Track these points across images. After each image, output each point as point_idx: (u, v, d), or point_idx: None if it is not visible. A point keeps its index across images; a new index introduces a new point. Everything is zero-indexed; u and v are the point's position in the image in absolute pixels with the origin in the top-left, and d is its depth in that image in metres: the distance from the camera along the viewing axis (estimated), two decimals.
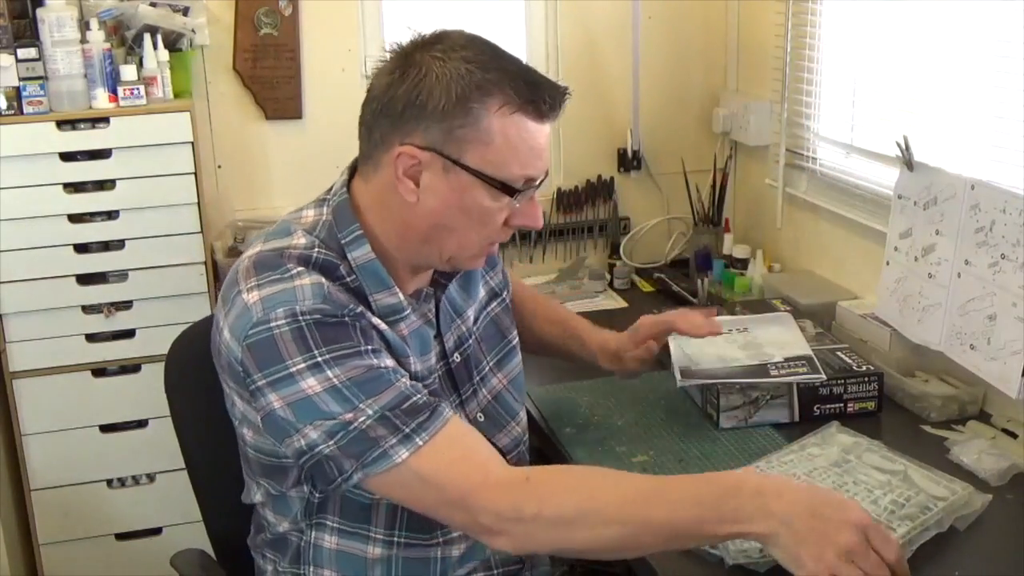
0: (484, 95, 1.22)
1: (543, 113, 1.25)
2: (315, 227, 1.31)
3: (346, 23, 2.45)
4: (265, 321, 1.20)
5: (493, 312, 1.51)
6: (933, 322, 1.78)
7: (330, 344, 1.20)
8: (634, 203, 2.68)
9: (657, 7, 2.58)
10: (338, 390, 1.19)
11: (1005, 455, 1.55)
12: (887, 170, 2.00)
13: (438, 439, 1.19)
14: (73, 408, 2.29)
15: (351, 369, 1.20)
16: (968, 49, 1.80)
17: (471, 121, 1.22)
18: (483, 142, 1.23)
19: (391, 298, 1.30)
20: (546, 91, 1.25)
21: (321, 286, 1.23)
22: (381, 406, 1.19)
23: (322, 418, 1.19)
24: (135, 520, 2.38)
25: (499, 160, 1.24)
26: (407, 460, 1.18)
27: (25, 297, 2.20)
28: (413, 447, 1.18)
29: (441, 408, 1.22)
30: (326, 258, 1.28)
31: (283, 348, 1.19)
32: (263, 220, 2.44)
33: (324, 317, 1.20)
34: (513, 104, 1.23)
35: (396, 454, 1.18)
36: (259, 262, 1.27)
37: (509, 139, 1.23)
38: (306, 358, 1.19)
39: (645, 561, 1.32)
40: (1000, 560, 1.34)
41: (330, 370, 1.19)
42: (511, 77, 1.23)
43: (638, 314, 2.19)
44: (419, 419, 1.20)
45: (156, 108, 2.18)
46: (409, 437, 1.18)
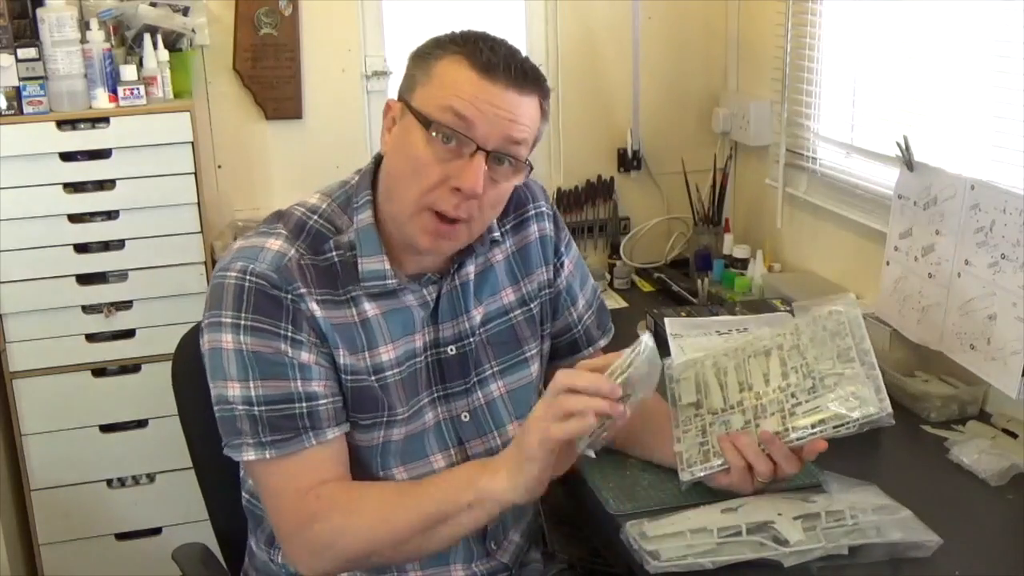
0: (442, 49, 1.30)
1: (487, 67, 1.27)
2: (339, 188, 1.40)
3: (346, 23, 2.46)
4: (225, 269, 1.31)
5: (516, 319, 1.48)
6: (933, 322, 1.78)
7: (258, 313, 1.28)
8: (634, 203, 2.68)
9: (657, 7, 2.58)
10: (241, 356, 1.28)
11: (1005, 455, 1.55)
12: (887, 170, 2.00)
13: (287, 461, 1.29)
14: (73, 408, 2.29)
15: (261, 344, 1.28)
16: (968, 49, 1.80)
17: (424, 67, 1.30)
18: (425, 83, 1.30)
19: (377, 264, 1.34)
20: (499, 52, 1.28)
21: (282, 256, 1.31)
22: (262, 395, 1.28)
23: (219, 378, 1.30)
24: (135, 520, 2.38)
25: (430, 95, 1.29)
26: (253, 462, 1.30)
27: (25, 297, 2.20)
28: (260, 456, 1.29)
29: (305, 437, 1.29)
30: (321, 228, 1.35)
31: (225, 298, 1.29)
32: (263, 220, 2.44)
33: (267, 286, 1.29)
34: (462, 53, 1.28)
35: (246, 453, 1.29)
36: (269, 215, 1.40)
37: (444, 77, 1.28)
38: (234, 316, 1.29)
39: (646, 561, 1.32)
40: (1000, 560, 1.34)
41: (244, 335, 1.28)
42: (476, 40, 1.29)
43: (638, 314, 2.21)
44: (277, 436, 1.28)
45: (156, 108, 2.19)
46: (262, 446, 1.28)
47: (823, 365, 1.40)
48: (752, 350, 1.48)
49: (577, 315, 1.57)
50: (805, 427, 1.36)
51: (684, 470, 1.42)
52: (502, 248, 1.47)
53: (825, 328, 1.43)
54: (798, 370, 1.42)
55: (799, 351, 1.43)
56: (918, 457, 1.62)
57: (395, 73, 2.48)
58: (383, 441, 1.36)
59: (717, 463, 1.40)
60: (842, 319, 1.42)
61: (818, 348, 1.42)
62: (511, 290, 1.49)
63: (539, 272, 1.51)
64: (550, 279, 1.53)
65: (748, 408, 1.42)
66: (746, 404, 1.43)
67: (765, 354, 1.46)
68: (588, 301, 1.59)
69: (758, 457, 1.36)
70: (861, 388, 1.36)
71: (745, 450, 1.37)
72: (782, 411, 1.39)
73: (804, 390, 1.39)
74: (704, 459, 1.41)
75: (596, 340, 1.61)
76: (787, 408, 1.39)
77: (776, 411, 1.40)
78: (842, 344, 1.40)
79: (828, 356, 1.40)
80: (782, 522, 1.32)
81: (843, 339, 1.41)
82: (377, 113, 2.50)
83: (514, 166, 1.31)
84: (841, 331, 1.42)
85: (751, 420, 1.41)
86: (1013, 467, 1.52)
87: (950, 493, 1.50)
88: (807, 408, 1.37)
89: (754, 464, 1.36)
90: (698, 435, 1.44)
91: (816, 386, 1.39)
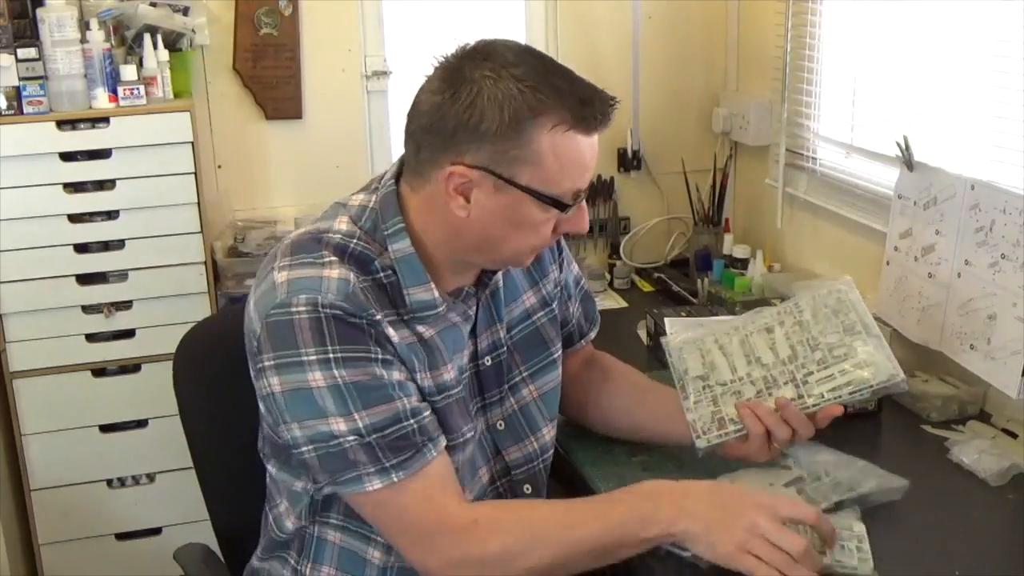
0: (536, 115, 1.20)
1: (594, 128, 1.24)
2: (361, 214, 1.32)
3: (346, 23, 2.45)
4: (287, 304, 1.22)
5: (539, 321, 1.48)
6: (933, 322, 1.78)
7: (345, 343, 1.21)
8: (634, 203, 2.68)
9: (657, 7, 2.58)
10: (339, 390, 1.21)
11: (1005, 455, 1.55)
12: (887, 170, 2.00)
13: (414, 479, 1.23)
14: (73, 408, 2.29)
15: (358, 373, 1.22)
16: (968, 49, 1.80)
17: (524, 142, 1.21)
18: (534, 162, 1.22)
19: (425, 294, 1.30)
20: (597, 106, 1.23)
21: (347, 283, 1.23)
22: (370, 424, 1.22)
23: (312, 417, 1.22)
24: (135, 520, 2.38)
25: (550, 178, 1.23)
26: (379, 490, 1.23)
27: (25, 297, 2.20)
28: (388, 482, 1.22)
29: (426, 449, 1.25)
30: (363, 250, 1.28)
31: (300, 335, 1.21)
32: (263, 220, 2.44)
33: (344, 315, 1.22)
34: (566, 123, 1.21)
35: (370, 483, 1.22)
36: (297, 243, 1.29)
37: (560, 157, 1.22)
38: (319, 350, 1.21)
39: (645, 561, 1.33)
40: (1000, 560, 1.34)
41: (337, 369, 1.21)
42: (562, 95, 1.21)
43: (638, 314, 2.21)
44: (401, 457, 1.23)
45: (156, 108, 2.18)
46: (387, 472, 1.22)
47: (830, 339, 1.43)
48: (754, 327, 1.49)
49: (573, 308, 1.59)
50: (820, 394, 1.39)
51: (700, 437, 1.43)
52: None
53: (827, 305, 1.46)
54: (805, 343, 1.44)
55: (802, 326, 1.46)
56: (918, 457, 1.62)
57: (395, 73, 2.49)
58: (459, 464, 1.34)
59: (732, 429, 1.41)
60: (843, 297, 1.46)
61: (822, 324, 1.44)
62: (531, 293, 1.49)
63: (552, 270, 1.52)
64: (559, 275, 1.53)
65: (758, 379, 1.44)
66: (755, 376, 1.45)
67: (767, 330, 1.48)
68: (578, 292, 1.61)
69: (778, 424, 1.37)
70: (873, 355, 1.39)
71: (765, 417, 1.38)
72: (794, 380, 1.41)
73: (814, 361, 1.42)
74: (719, 426, 1.42)
75: (587, 332, 1.63)
76: (799, 378, 1.41)
77: (788, 381, 1.42)
78: (846, 319, 1.43)
79: (834, 330, 1.43)
80: (776, 491, 1.38)
81: (846, 315, 1.44)
82: (377, 113, 2.50)
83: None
84: (843, 308, 1.45)
85: (762, 391, 1.43)
86: (1013, 467, 1.52)
87: (950, 493, 1.50)
88: (820, 376, 1.40)
89: (774, 430, 1.38)
90: (710, 404, 1.45)
91: (826, 357, 1.41)
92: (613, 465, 1.57)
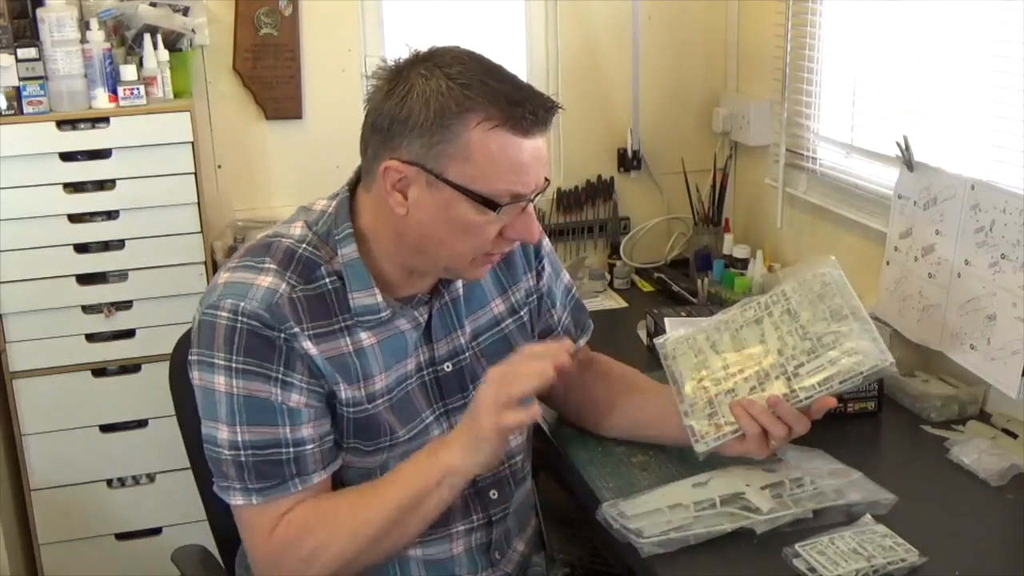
0: (463, 111, 1.22)
1: (525, 128, 1.24)
2: (319, 219, 1.36)
3: (346, 23, 2.45)
4: (216, 305, 1.28)
5: (507, 329, 1.49)
6: (933, 322, 1.78)
7: (249, 356, 1.27)
8: (634, 203, 2.68)
9: (657, 7, 2.58)
10: (232, 400, 1.28)
11: (1005, 455, 1.55)
12: (887, 170, 2.00)
13: (269, 507, 1.30)
14: (73, 408, 2.29)
15: (253, 389, 1.28)
16: (968, 49, 1.80)
17: (450, 136, 1.23)
18: (463, 157, 1.24)
19: (369, 298, 1.33)
20: (528, 105, 1.24)
21: (273, 293, 1.28)
22: (248, 440, 1.28)
23: (209, 418, 1.30)
24: (135, 520, 2.38)
25: (479, 175, 1.24)
26: (241, 507, 1.31)
27: (25, 297, 2.20)
28: (247, 501, 1.30)
29: (291, 483, 1.30)
30: (311, 256, 1.32)
31: (216, 338, 1.28)
32: (263, 220, 2.44)
33: (259, 327, 1.27)
34: (493, 119, 1.23)
35: (234, 497, 1.31)
36: (251, 246, 1.36)
37: (489, 154, 1.24)
38: (226, 357, 1.27)
39: (646, 562, 1.33)
40: (1000, 560, 1.34)
41: (236, 379, 1.27)
42: (491, 92, 1.23)
43: (638, 314, 2.21)
44: (264, 484, 1.29)
45: (156, 108, 2.18)
46: (248, 492, 1.29)
47: (818, 326, 1.43)
48: (743, 320, 1.50)
49: (557, 316, 1.59)
50: (812, 386, 1.39)
51: (698, 442, 1.44)
52: None
53: (812, 290, 1.46)
54: (794, 333, 1.44)
55: (791, 315, 1.46)
56: (918, 457, 1.62)
57: None
58: (384, 462, 1.37)
59: (729, 430, 1.41)
60: (827, 280, 1.46)
61: (810, 311, 1.45)
62: (499, 300, 1.49)
63: (525, 279, 1.52)
64: (533, 284, 1.54)
65: (751, 375, 1.44)
66: (748, 372, 1.45)
67: (756, 322, 1.48)
68: (565, 301, 1.61)
69: (773, 422, 1.38)
70: (860, 342, 1.39)
71: (759, 416, 1.38)
72: (786, 374, 1.42)
73: (804, 351, 1.42)
74: (716, 429, 1.43)
75: (576, 340, 1.62)
76: (790, 371, 1.42)
77: (780, 374, 1.42)
78: (832, 304, 1.44)
79: (821, 317, 1.43)
80: (751, 492, 1.40)
81: (832, 299, 1.44)
82: None
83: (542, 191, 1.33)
84: (828, 292, 1.45)
85: (756, 386, 1.43)
86: (1013, 467, 1.52)
87: (950, 493, 1.50)
88: (810, 368, 1.40)
89: (769, 428, 1.38)
90: (705, 407, 1.45)
91: (815, 347, 1.41)
92: (613, 465, 1.57)
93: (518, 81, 1.27)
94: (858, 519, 1.36)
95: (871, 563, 1.26)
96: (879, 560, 1.26)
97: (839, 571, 1.25)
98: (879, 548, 1.29)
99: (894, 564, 1.26)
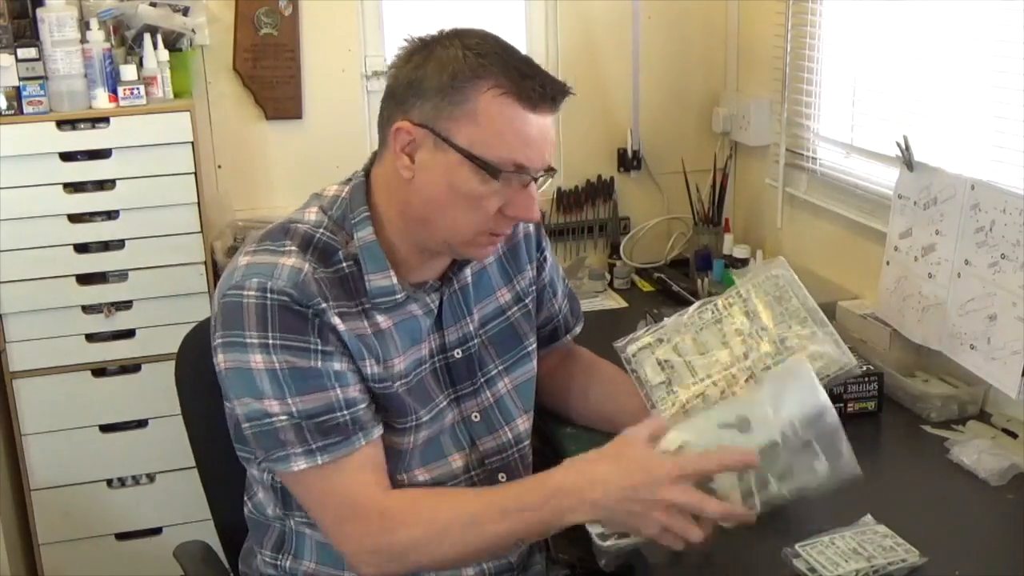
0: (475, 76, 1.25)
1: (533, 100, 1.26)
2: (332, 204, 1.37)
3: (346, 23, 2.45)
4: (240, 286, 1.27)
5: (513, 316, 1.51)
6: (933, 322, 1.78)
7: (286, 331, 1.26)
8: (634, 203, 2.68)
9: (657, 7, 2.58)
10: (275, 375, 1.26)
11: (1005, 455, 1.55)
12: (887, 170, 2.00)
13: (339, 465, 1.27)
14: (73, 408, 2.29)
15: (295, 361, 1.26)
16: (968, 49, 1.80)
17: (460, 99, 1.25)
18: (471, 121, 1.25)
19: (384, 280, 1.33)
20: (539, 80, 1.26)
21: (299, 272, 1.28)
22: (302, 410, 1.26)
23: (250, 396, 1.27)
24: (135, 520, 2.38)
25: (485, 140, 1.26)
26: (305, 471, 1.27)
27: (25, 297, 2.20)
28: (312, 463, 1.27)
29: (355, 438, 1.28)
30: (328, 240, 1.33)
31: (246, 317, 1.26)
32: (263, 220, 2.43)
33: (290, 302, 1.26)
34: (503, 87, 1.25)
35: (296, 463, 1.27)
36: (267, 232, 1.35)
37: (495, 121, 1.25)
38: (261, 335, 1.26)
39: (646, 561, 1.33)
40: (1000, 560, 1.34)
41: (276, 354, 1.26)
42: (504, 63, 1.26)
43: (638, 314, 2.21)
44: (328, 440, 1.27)
45: (156, 108, 2.18)
46: (312, 453, 1.26)
47: (779, 328, 1.43)
48: (702, 322, 1.49)
49: (557, 305, 1.62)
50: None
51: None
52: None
53: (767, 292, 1.46)
54: (755, 335, 1.44)
55: (750, 317, 1.46)
56: (918, 457, 1.62)
57: None
58: (414, 443, 1.37)
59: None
60: (780, 282, 1.46)
61: (767, 312, 1.45)
62: (506, 289, 1.51)
63: (529, 269, 1.54)
64: (534, 275, 1.56)
65: (719, 380, 1.44)
66: (715, 375, 1.44)
67: (716, 323, 1.48)
68: (563, 291, 1.64)
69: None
70: (822, 346, 1.40)
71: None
72: (753, 377, 1.41)
73: (769, 355, 1.42)
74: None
75: (572, 327, 1.67)
76: (757, 373, 1.41)
77: (748, 378, 1.42)
78: (789, 305, 1.44)
79: (781, 319, 1.44)
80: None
81: (789, 301, 1.44)
82: (377, 113, 2.49)
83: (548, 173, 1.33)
84: (784, 294, 1.45)
85: (725, 389, 1.42)
86: (1013, 467, 1.52)
87: (950, 493, 1.50)
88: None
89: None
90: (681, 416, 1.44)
91: (779, 350, 1.42)
92: None
93: (533, 62, 1.30)
94: (858, 520, 1.36)
95: (871, 563, 1.26)
96: (879, 560, 1.26)
97: (839, 571, 1.25)
98: (879, 548, 1.29)
99: (894, 564, 1.27)
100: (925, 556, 1.28)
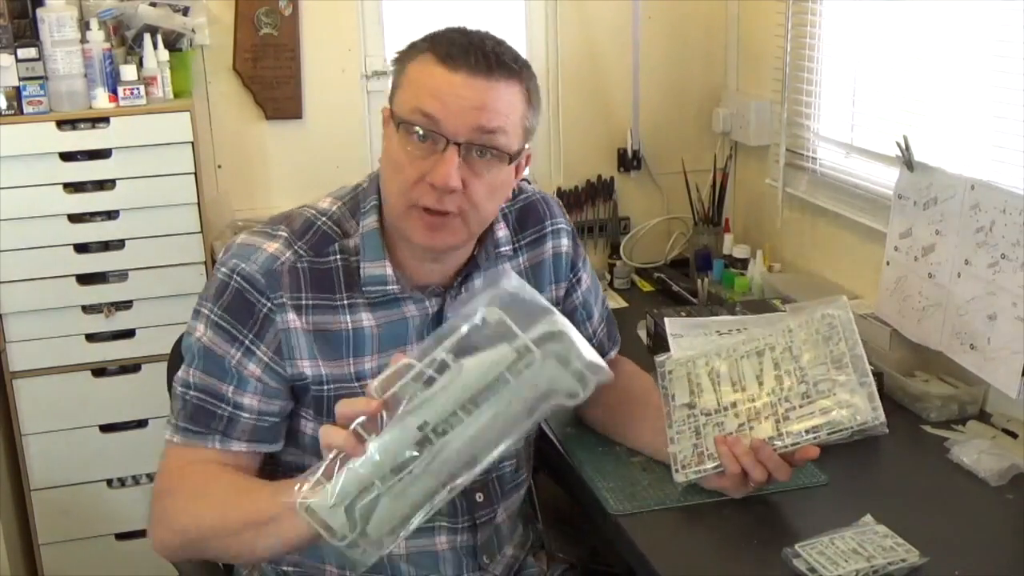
0: (415, 48, 1.31)
1: (454, 61, 1.26)
2: (349, 192, 1.40)
3: (346, 23, 2.45)
4: (222, 263, 1.34)
5: None
6: (933, 322, 1.78)
7: (227, 313, 1.31)
8: (634, 203, 2.68)
9: (657, 7, 2.58)
10: (198, 346, 1.32)
11: (1005, 455, 1.55)
12: (887, 170, 2.00)
13: (184, 451, 1.31)
14: (73, 408, 2.29)
15: (217, 343, 1.31)
16: (968, 49, 1.80)
17: (401, 70, 1.32)
18: (401, 87, 1.32)
19: (377, 269, 1.34)
20: (474, 49, 1.27)
21: (274, 260, 1.31)
22: (196, 382, 1.31)
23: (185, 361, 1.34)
24: (135, 520, 2.37)
25: (405, 98, 1.30)
26: (168, 442, 1.33)
27: (25, 297, 2.20)
28: (170, 437, 1.33)
29: (213, 437, 1.30)
30: (328, 230, 1.36)
31: (210, 289, 1.33)
32: (263, 220, 2.43)
33: (249, 289, 1.30)
34: (428, 50, 1.29)
35: (167, 431, 1.34)
36: (278, 215, 1.40)
37: (415, 81, 1.29)
38: (209, 308, 1.32)
39: (646, 561, 1.33)
40: (1000, 560, 1.34)
41: (207, 329, 1.31)
42: (445, 37, 1.30)
43: (638, 314, 2.21)
44: (191, 425, 1.31)
45: (156, 108, 2.18)
46: (176, 429, 1.32)
47: (817, 370, 1.40)
48: (744, 350, 1.48)
49: (592, 328, 1.59)
50: (799, 432, 1.37)
51: (679, 471, 1.43)
52: (514, 263, 1.46)
53: (818, 332, 1.44)
54: (792, 374, 1.42)
55: (792, 354, 1.44)
56: (918, 457, 1.62)
57: None
58: None
59: (711, 465, 1.40)
60: (835, 323, 1.43)
61: (811, 352, 1.42)
62: None
63: (551, 289, 1.51)
64: (561, 296, 1.53)
65: (742, 412, 1.43)
66: (740, 407, 1.43)
67: (758, 354, 1.47)
68: (601, 314, 1.61)
69: (754, 465, 1.37)
70: (854, 396, 1.37)
71: (741, 457, 1.37)
72: (776, 415, 1.40)
73: (798, 395, 1.40)
74: (698, 461, 1.42)
75: (607, 351, 1.63)
76: (781, 413, 1.40)
77: (770, 415, 1.40)
78: (836, 350, 1.41)
79: (821, 361, 1.41)
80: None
81: (836, 344, 1.41)
82: (377, 113, 2.49)
83: (496, 156, 1.28)
84: (834, 335, 1.42)
85: (745, 423, 1.41)
86: (1013, 467, 1.52)
87: (950, 493, 1.50)
88: (801, 413, 1.38)
89: (750, 471, 1.37)
90: (692, 436, 1.44)
91: (810, 391, 1.39)
92: (613, 465, 1.57)
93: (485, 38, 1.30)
94: (858, 520, 1.36)
95: (871, 563, 1.26)
96: (879, 560, 1.26)
97: (839, 571, 1.25)
98: (879, 548, 1.29)
99: (894, 564, 1.27)
100: (925, 556, 1.28)
